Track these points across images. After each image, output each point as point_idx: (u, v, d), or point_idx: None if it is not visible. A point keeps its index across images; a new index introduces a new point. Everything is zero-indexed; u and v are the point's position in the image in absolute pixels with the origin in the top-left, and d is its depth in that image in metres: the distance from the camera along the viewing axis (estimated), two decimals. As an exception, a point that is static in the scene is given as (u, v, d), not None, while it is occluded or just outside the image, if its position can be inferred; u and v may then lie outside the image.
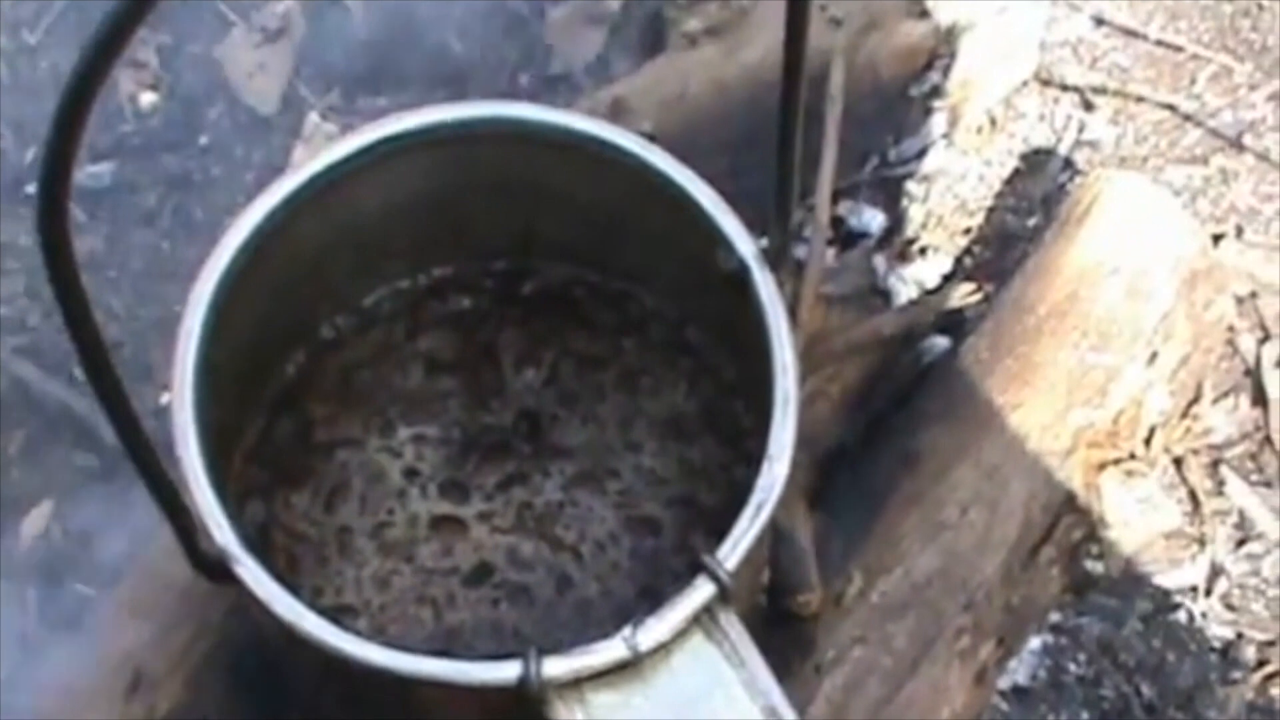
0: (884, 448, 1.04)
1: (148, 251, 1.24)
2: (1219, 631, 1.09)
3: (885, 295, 1.20)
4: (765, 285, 0.70)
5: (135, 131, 1.30)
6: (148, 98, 1.31)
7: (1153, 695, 1.07)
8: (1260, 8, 1.33)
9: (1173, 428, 1.08)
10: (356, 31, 1.33)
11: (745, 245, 0.71)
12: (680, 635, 0.63)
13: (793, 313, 0.72)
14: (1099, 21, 1.33)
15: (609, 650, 0.63)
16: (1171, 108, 1.29)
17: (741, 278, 0.70)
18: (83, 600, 1.07)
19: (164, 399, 1.15)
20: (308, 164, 0.74)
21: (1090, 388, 1.03)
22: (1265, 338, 1.18)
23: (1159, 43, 1.32)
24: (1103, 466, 1.01)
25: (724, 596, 0.63)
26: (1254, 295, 1.20)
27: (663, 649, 0.63)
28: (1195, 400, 1.11)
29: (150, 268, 1.24)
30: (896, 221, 1.25)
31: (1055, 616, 1.08)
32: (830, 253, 1.20)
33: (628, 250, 0.79)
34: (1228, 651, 1.08)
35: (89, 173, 1.25)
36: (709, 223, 0.72)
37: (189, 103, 1.32)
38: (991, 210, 1.26)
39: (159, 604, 0.92)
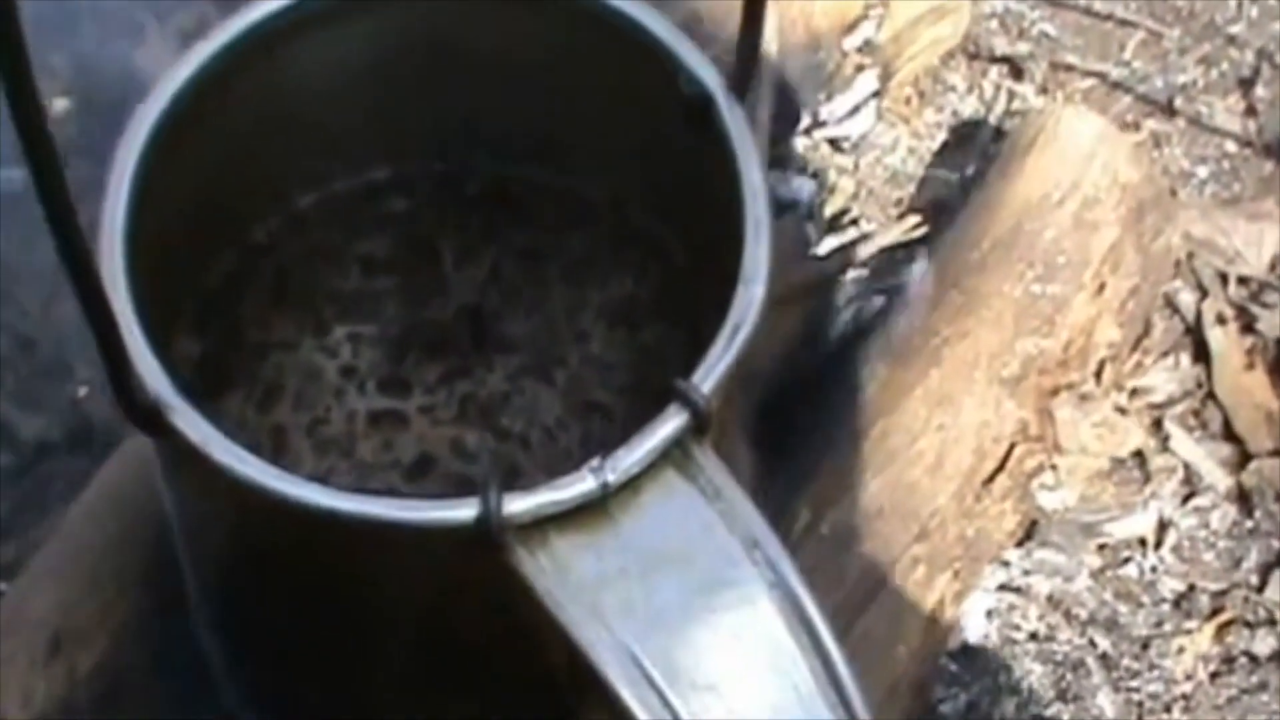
0: (827, 385, 1.01)
1: (64, 256, 1.20)
2: (1171, 583, 1.07)
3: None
4: (731, 111, 0.66)
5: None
6: (61, 104, 1.27)
7: (1108, 647, 1.04)
8: (1185, -26, 1.34)
9: (1123, 360, 1.07)
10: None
11: (707, 73, 0.68)
12: (651, 469, 0.59)
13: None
14: (1025, -9, 1.33)
15: (576, 484, 0.58)
16: (1101, 75, 1.30)
17: (704, 108, 0.67)
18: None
19: (82, 391, 1.12)
20: (241, 16, 0.70)
21: (1038, 317, 1.01)
22: (1204, 295, 1.17)
23: (1086, 11, 1.33)
24: (1055, 392, 0.99)
25: (699, 426, 0.59)
26: (1190, 255, 1.19)
27: (632, 485, 0.58)
28: (1145, 334, 1.10)
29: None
30: (826, 191, 1.24)
31: (1001, 576, 1.06)
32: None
33: (572, 121, 0.76)
34: (1181, 602, 1.07)
35: (1, 176, 1.21)
36: (668, 54, 0.68)
37: (103, 109, 1.27)
38: (923, 181, 1.25)
39: (77, 566, 0.88)
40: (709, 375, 0.60)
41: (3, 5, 0.37)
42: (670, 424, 0.59)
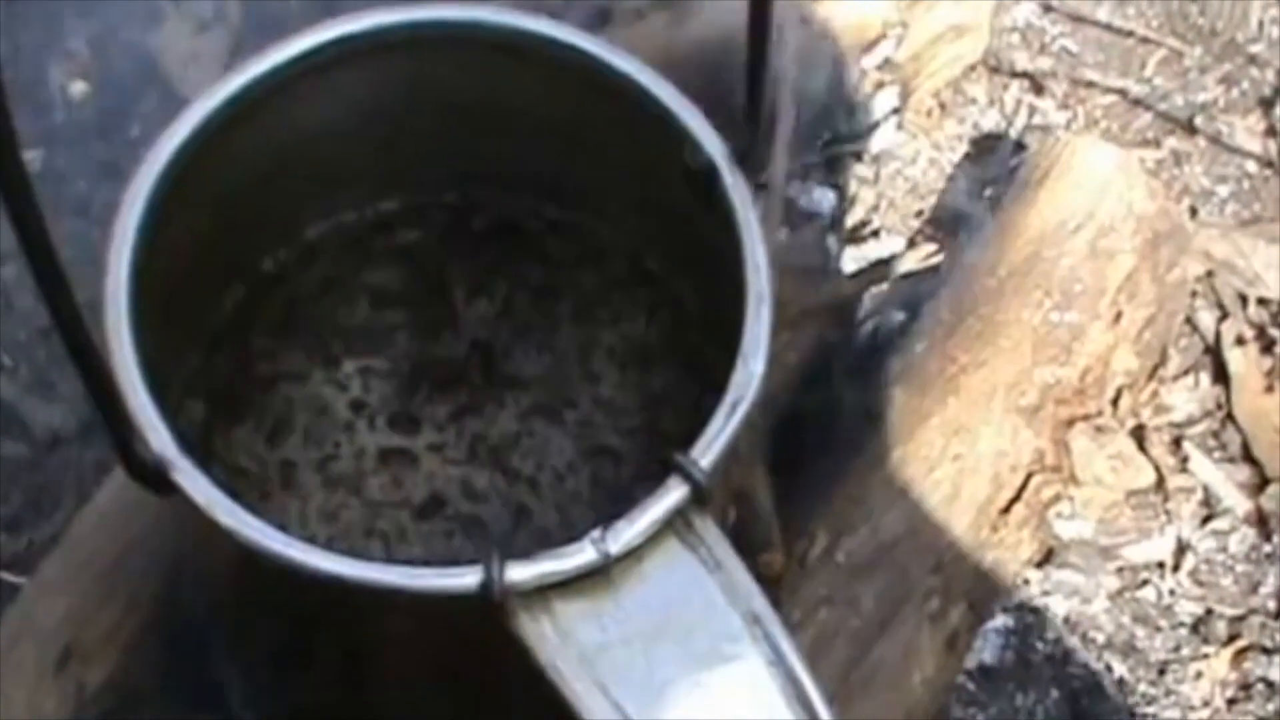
0: (845, 410, 1.00)
1: (78, 239, 1.19)
2: (1189, 607, 1.06)
3: (839, 274, 1.18)
4: (735, 184, 0.66)
5: (66, 121, 1.26)
6: (79, 87, 1.27)
7: (1124, 671, 1.04)
8: (1208, -8, 1.32)
9: (1139, 389, 1.05)
10: (293, 20, 1.29)
11: (713, 143, 0.68)
12: (653, 540, 0.59)
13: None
14: (1047, 7, 1.32)
15: (577, 554, 0.58)
16: (1122, 92, 1.28)
17: (709, 178, 0.67)
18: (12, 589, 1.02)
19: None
20: (247, 67, 0.69)
21: (1055, 346, 1.00)
22: (1224, 315, 1.16)
23: (1108, 27, 1.31)
24: (1071, 423, 0.98)
25: (699, 498, 0.59)
26: (1210, 274, 1.18)
27: (634, 554, 0.58)
28: (1161, 363, 1.09)
29: (80, 255, 1.20)
30: (847, 202, 1.23)
31: (1020, 595, 1.05)
32: (783, 233, 1.18)
33: (582, 172, 0.75)
34: (1198, 627, 1.05)
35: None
36: (674, 123, 0.68)
37: (121, 93, 1.28)
38: (943, 193, 1.23)
39: (88, 574, 0.88)
40: (708, 450, 0.60)
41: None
42: (671, 497, 0.59)
